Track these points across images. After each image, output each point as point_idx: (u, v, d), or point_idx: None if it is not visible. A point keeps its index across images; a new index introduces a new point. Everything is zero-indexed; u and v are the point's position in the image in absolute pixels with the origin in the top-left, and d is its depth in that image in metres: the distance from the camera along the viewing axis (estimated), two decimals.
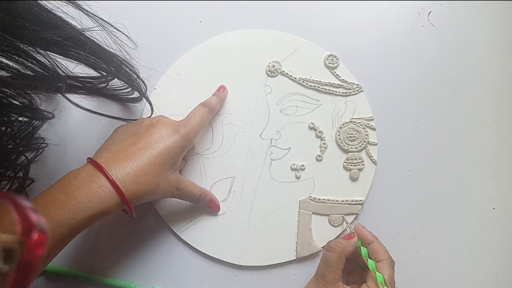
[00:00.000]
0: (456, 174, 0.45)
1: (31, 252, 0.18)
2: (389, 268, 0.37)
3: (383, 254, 0.38)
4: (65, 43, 0.30)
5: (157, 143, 0.35)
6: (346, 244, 0.38)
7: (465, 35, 0.49)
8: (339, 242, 0.38)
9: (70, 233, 0.31)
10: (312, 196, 0.43)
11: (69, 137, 0.44)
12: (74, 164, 0.34)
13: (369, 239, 0.39)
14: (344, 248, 0.38)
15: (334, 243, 0.38)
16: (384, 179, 0.44)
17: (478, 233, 0.43)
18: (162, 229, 0.43)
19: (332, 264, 0.37)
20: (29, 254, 0.18)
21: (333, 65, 0.46)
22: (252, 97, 0.46)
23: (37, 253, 0.18)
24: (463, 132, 0.46)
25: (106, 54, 0.35)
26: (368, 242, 0.39)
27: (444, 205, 0.44)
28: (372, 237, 0.39)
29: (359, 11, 0.49)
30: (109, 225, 0.43)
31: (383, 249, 0.38)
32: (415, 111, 0.46)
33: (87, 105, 0.43)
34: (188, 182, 0.40)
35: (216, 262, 0.42)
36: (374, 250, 0.38)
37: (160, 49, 0.47)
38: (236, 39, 0.48)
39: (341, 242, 0.38)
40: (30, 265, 0.18)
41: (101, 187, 0.31)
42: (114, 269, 0.42)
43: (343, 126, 0.45)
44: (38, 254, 0.18)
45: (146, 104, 0.45)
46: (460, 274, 0.42)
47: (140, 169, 0.33)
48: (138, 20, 0.48)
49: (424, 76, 0.47)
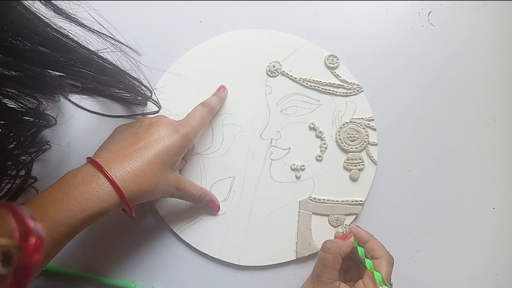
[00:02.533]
0: (456, 174, 0.45)
1: (29, 256, 0.18)
2: (387, 265, 0.37)
3: (381, 251, 0.37)
4: (71, 64, 0.31)
5: (156, 142, 0.35)
6: (342, 244, 0.38)
7: (465, 35, 0.49)
8: (335, 242, 0.38)
9: (70, 233, 0.30)
10: (312, 196, 0.43)
11: (72, 139, 0.44)
12: (76, 165, 0.34)
13: (365, 238, 0.39)
14: (340, 248, 0.37)
15: (329, 243, 0.38)
16: (384, 179, 0.44)
17: (478, 233, 0.43)
18: (162, 229, 0.43)
19: (328, 264, 0.36)
20: (27, 259, 0.18)
21: (334, 65, 0.46)
22: (253, 97, 0.46)
23: (34, 258, 0.18)
24: (463, 132, 0.46)
25: (112, 71, 0.35)
26: (364, 241, 0.39)
27: (444, 205, 0.44)
28: (368, 236, 0.39)
29: (359, 11, 0.49)
30: (109, 225, 0.43)
31: (380, 247, 0.38)
32: (415, 111, 0.46)
33: (88, 106, 0.43)
34: (188, 182, 0.40)
35: (216, 262, 0.42)
36: (371, 248, 0.38)
37: (160, 49, 0.47)
38: (237, 39, 0.48)
39: (337, 242, 0.38)
40: (27, 269, 0.18)
41: (100, 186, 0.31)
42: (114, 269, 0.42)
43: (343, 126, 0.45)
44: (35, 259, 0.19)
45: (149, 103, 0.45)
46: (460, 274, 0.42)
47: (140, 169, 0.33)
48: (139, 20, 0.48)
49: (424, 76, 0.47)
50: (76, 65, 0.31)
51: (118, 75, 0.36)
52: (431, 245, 0.43)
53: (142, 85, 0.40)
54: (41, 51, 0.28)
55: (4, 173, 0.36)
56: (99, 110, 0.44)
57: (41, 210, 0.30)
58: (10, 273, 0.18)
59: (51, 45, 0.28)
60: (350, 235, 0.39)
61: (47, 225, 0.29)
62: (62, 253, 0.32)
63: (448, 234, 0.43)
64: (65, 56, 0.29)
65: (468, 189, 0.44)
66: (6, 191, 0.37)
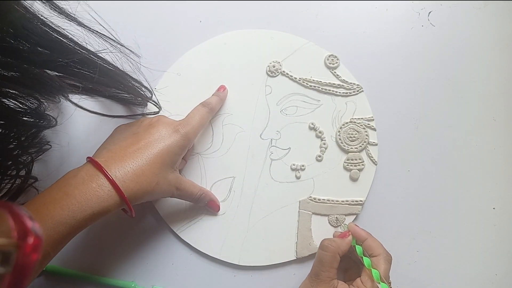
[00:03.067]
0: (456, 174, 0.45)
1: (27, 256, 0.18)
2: (385, 262, 0.37)
3: (378, 249, 0.38)
4: (71, 64, 0.31)
5: (156, 142, 0.35)
6: (340, 242, 0.38)
7: (465, 35, 0.49)
8: (333, 241, 0.38)
9: (70, 233, 0.31)
10: (312, 196, 0.43)
11: (72, 139, 0.44)
12: (76, 165, 0.34)
13: (363, 236, 0.39)
14: (338, 247, 0.37)
15: (328, 241, 0.38)
16: (384, 179, 0.44)
17: (478, 233, 0.43)
18: (162, 229, 0.43)
19: (326, 263, 0.37)
20: (25, 258, 0.18)
21: (334, 65, 0.46)
22: (252, 97, 0.46)
23: (32, 257, 0.19)
24: (463, 132, 0.46)
25: (112, 72, 0.35)
26: (362, 240, 0.39)
27: (444, 205, 0.44)
28: (366, 234, 0.39)
29: (359, 11, 0.49)
30: (109, 225, 0.43)
31: (377, 245, 0.38)
32: (415, 111, 0.46)
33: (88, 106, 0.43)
34: (188, 182, 0.40)
35: (216, 262, 0.42)
36: (369, 247, 0.38)
37: (160, 49, 0.47)
38: (237, 39, 0.48)
39: (335, 241, 0.38)
40: (25, 268, 0.18)
41: (100, 186, 0.31)
42: (114, 269, 0.42)
43: (343, 126, 0.45)
44: (33, 258, 0.19)
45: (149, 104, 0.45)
46: (460, 274, 0.42)
47: (140, 169, 0.34)
48: (138, 20, 0.48)
49: (424, 76, 0.47)
50: (76, 66, 0.31)
51: (117, 76, 0.36)
52: (431, 245, 0.43)
53: (142, 86, 0.40)
54: (40, 51, 0.28)
55: (5, 173, 0.36)
56: (99, 110, 0.44)
57: (41, 210, 0.30)
58: (9, 272, 0.18)
59: (50, 46, 0.28)
60: (348, 233, 0.39)
61: (47, 225, 0.29)
62: (62, 253, 0.32)
63: (448, 234, 0.43)
64: (64, 56, 0.29)
65: (468, 189, 0.44)
66: (7, 191, 0.37)
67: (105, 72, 0.34)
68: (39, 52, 0.28)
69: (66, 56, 0.29)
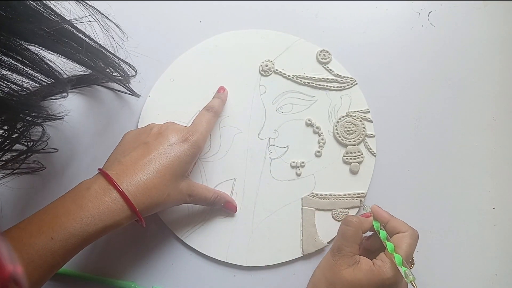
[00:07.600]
0: (456, 174, 0.45)
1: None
2: (411, 238, 0.36)
3: (404, 227, 0.37)
4: (54, 37, 0.30)
5: (166, 153, 0.36)
6: (363, 220, 0.38)
7: (465, 35, 0.48)
8: (357, 217, 0.38)
9: (81, 244, 0.31)
10: (314, 192, 0.43)
11: (74, 140, 0.44)
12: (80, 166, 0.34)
13: (386, 217, 0.39)
14: (361, 223, 0.38)
15: (351, 217, 0.38)
16: (384, 170, 0.44)
17: (478, 233, 0.43)
18: (162, 229, 0.43)
19: (349, 237, 0.37)
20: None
21: (326, 60, 0.46)
22: (247, 97, 0.46)
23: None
24: (463, 132, 0.46)
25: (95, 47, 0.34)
26: (384, 222, 0.39)
27: (444, 205, 0.44)
28: (389, 216, 0.39)
29: (359, 11, 0.49)
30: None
31: (402, 223, 0.38)
32: (415, 111, 0.46)
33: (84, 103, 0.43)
34: (201, 187, 0.40)
35: (216, 262, 0.42)
36: (394, 228, 0.38)
37: (152, 55, 0.46)
38: (228, 41, 0.48)
39: (358, 217, 0.38)
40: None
41: (113, 200, 0.32)
42: (114, 269, 0.42)
43: (339, 120, 0.45)
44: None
45: (145, 105, 0.45)
46: (460, 274, 0.42)
47: (151, 182, 0.34)
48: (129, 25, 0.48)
49: (424, 76, 0.47)
50: (60, 39, 0.30)
51: (99, 52, 0.35)
52: (431, 245, 0.43)
53: (127, 64, 0.40)
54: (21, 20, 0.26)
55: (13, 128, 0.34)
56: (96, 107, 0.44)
57: (54, 221, 0.31)
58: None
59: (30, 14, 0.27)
60: (370, 214, 0.39)
61: (59, 236, 0.30)
62: None
63: (448, 234, 0.43)
64: (42, 25, 0.28)
65: (468, 189, 0.44)
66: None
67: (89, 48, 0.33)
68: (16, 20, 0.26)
69: (46, 26, 0.28)
